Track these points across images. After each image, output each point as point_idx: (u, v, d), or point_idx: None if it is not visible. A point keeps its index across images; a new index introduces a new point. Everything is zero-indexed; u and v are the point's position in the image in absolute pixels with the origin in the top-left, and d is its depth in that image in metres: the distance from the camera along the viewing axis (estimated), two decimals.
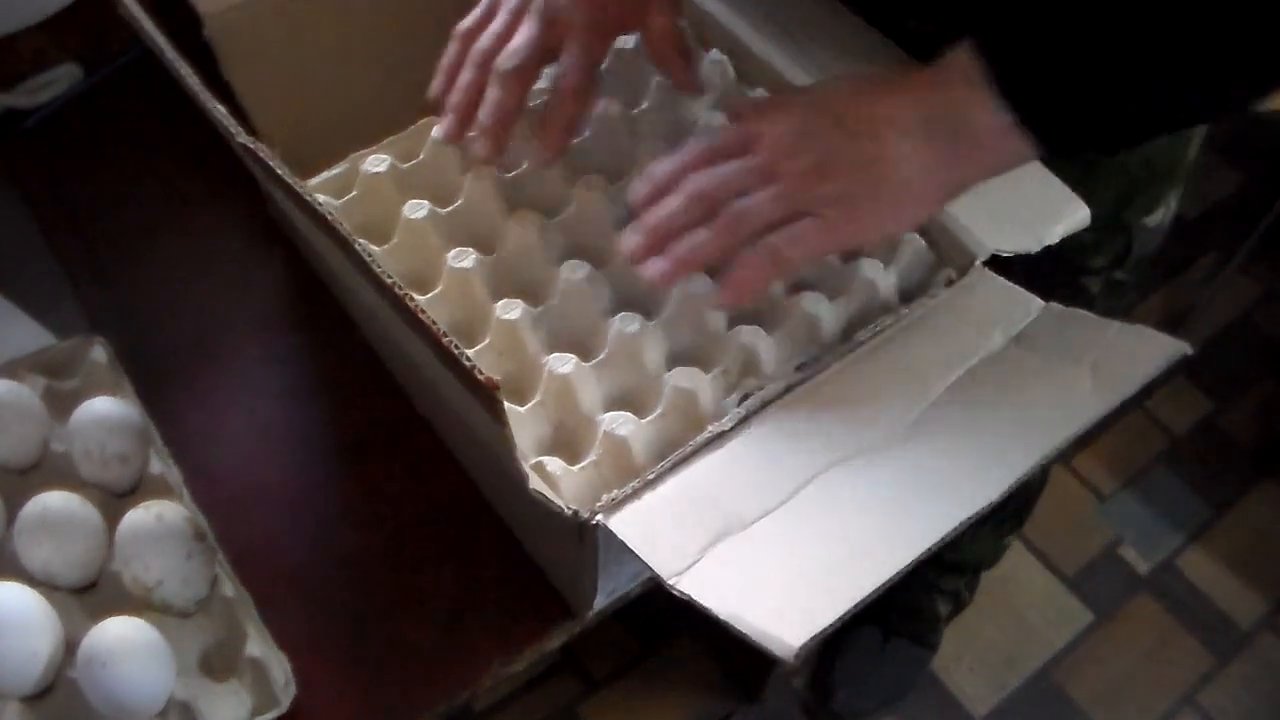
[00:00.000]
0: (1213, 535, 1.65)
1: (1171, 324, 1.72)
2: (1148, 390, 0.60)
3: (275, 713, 0.65)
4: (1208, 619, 1.58)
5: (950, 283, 0.68)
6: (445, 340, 0.51)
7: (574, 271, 0.68)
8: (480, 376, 0.50)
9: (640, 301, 0.70)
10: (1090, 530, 1.65)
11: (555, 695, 1.47)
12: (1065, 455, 1.66)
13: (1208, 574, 1.62)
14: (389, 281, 0.53)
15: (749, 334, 0.66)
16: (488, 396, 0.50)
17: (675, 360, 0.68)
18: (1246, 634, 1.57)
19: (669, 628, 1.49)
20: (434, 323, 0.52)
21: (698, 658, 1.49)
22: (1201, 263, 1.86)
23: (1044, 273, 0.66)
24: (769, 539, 0.55)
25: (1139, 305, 1.80)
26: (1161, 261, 1.81)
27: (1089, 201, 0.69)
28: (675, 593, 0.53)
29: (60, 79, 0.92)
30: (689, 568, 0.54)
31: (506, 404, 0.63)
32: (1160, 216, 0.89)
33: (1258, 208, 1.71)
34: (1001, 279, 0.67)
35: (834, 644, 1.50)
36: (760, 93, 0.76)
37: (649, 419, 0.63)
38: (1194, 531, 1.65)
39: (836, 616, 0.50)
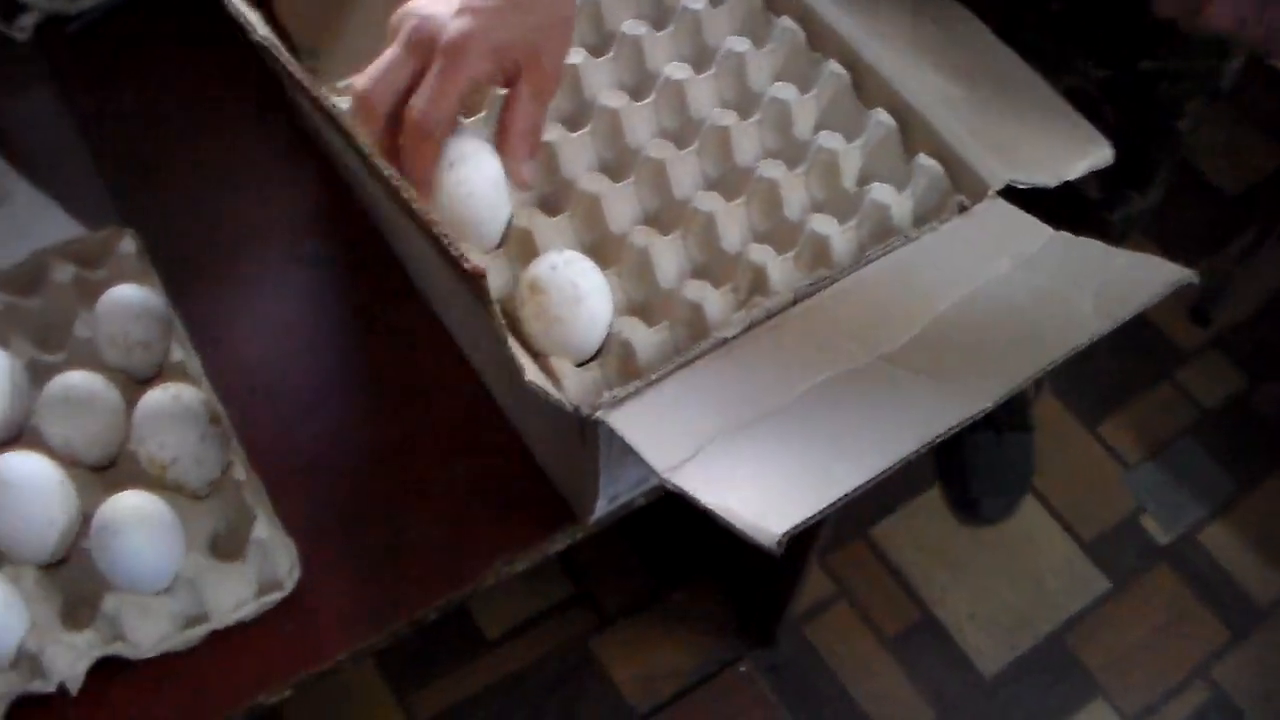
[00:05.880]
0: (1236, 511, 1.64)
1: (1208, 299, 1.70)
2: (1176, 358, 0.60)
3: (279, 594, 0.66)
4: (1225, 594, 1.58)
5: (963, 209, 0.68)
6: (435, 229, 0.52)
7: (595, 183, 0.69)
8: (466, 265, 0.51)
9: (657, 216, 0.71)
10: (1112, 498, 1.64)
11: (568, 627, 1.47)
12: (1091, 421, 1.67)
13: (1228, 549, 1.61)
14: (386, 173, 0.55)
15: (760, 253, 0.67)
16: (474, 283, 0.52)
17: (688, 276, 0.69)
18: (1263, 611, 1.56)
19: (686, 569, 1.51)
20: (426, 212, 0.53)
21: (712, 601, 1.50)
22: (1240, 239, 1.84)
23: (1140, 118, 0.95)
24: (765, 439, 0.56)
25: None
26: (1199, 236, 1.81)
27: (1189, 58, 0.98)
28: (669, 486, 0.54)
29: None
30: (684, 463, 0.55)
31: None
32: (1239, 61, 1.04)
33: None
34: (1014, 207, 0.68)
35: (959, 465, 1.61)
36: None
37: (656, 327, 0.64)
38: (1217, 506, 1.64)
39: (820, 509, 0.50)
